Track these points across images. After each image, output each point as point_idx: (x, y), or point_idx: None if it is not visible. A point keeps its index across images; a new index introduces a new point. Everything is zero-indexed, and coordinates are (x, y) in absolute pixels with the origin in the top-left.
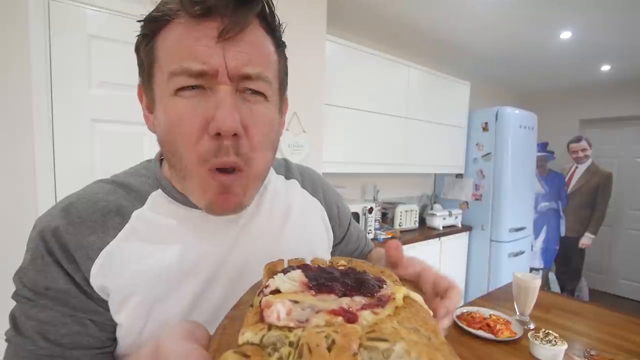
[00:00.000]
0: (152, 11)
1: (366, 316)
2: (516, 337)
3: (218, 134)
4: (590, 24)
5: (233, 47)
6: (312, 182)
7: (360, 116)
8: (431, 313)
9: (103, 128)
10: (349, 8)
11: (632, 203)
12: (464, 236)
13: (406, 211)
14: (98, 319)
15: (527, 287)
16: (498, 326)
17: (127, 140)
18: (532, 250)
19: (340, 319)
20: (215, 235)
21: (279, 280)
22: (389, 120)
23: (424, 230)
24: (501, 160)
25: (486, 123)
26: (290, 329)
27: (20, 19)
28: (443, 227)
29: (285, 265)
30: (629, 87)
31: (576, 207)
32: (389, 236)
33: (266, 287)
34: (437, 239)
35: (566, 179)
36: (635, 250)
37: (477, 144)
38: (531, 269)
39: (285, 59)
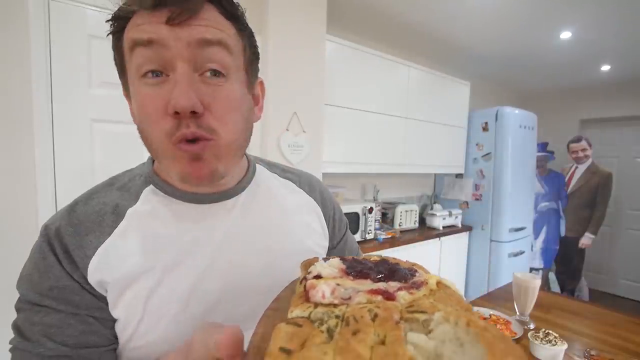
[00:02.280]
0: (116, 10)
1: (403, 295)
2: (516, 337)
3: (177, 113)
4: (590, 24)
5: (183, 28)
6: (309, 183)
7: (360, 116)
8: (464, 298)
9: (103, 128)
10: (349, 8)
11: (632, 203)
12: (464, 236)
13: (406, 211)
14: (100, 315)
15: (527, 287)
16: (498, 326)
17: (127, 140)
18: (532, 250)
19: (379, 297)
20: (209, 226)
21: (320, 267)
22: (389, 120)
23: (424, 230)
24: (501, 160)
25: (486, 123)
26: (335, 305)
27: (20, 19)
28: (443, 227)
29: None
30: (629, 87)
31: (576, 207)
32: (389, 236)
33: (309, 273)
34: (437, 239)
35: (566, 179)
36: (635, 250)
37: (477, 144)
38: (531, 269)
39: (252, 41)
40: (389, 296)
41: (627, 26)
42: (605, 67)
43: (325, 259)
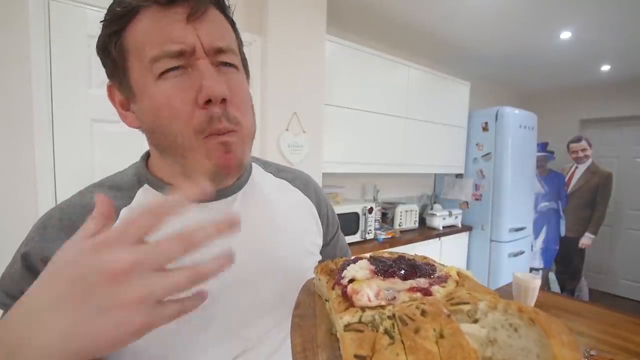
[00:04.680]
0: (115, 7)
1: (437, 290)
2: None
3: (208, 101)
4: (590, 24)
5: (203, 26)
6: (303, 182)
7: (360, 116)
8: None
9: (103, 128)
10: (349, 8)
11: (632, 203)
12: (464, 236)
13: (406, 211)
14: None
15: (527, 287)
16: None
17: (127, 140)
18: (532, 250)
19: (418, 294)
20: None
21: (352, 271)
22: (389, 120)
23: (424, 230)
24: (501, 160)
25: (486, 123)
26: (382, 307)
27: (20, 19)
28: (443, 227)
29: (332, 266)
30: (629, 87)
31: (576, 207)
32: (389, 236)
33: (342, 278)
34: (437, 239)
35: (566, 179)
36: (635, 250)
37: (477, 144)
38: (531, 269)
39: (239, 34)
40: (426, 292)
41: (627, 26)
42: (605, 67)
43: (353, 261)
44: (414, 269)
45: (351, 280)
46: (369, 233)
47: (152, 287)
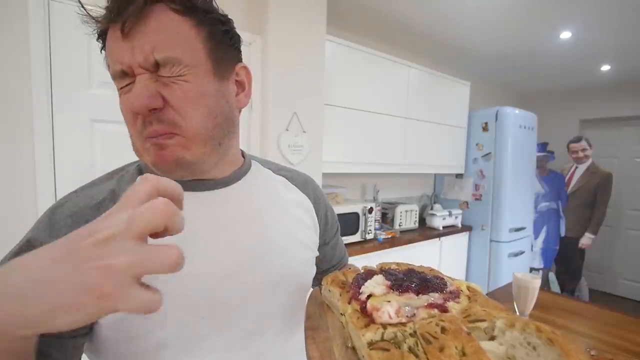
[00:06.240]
0: (98, 27)
1: (453, 306)
2: None
3: (138, 114)
4: (590, 24)
5: (137, 41)
6: (302, 181)
7: (360, 116)
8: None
9: (103, 128)
10: (349, 8)
11: (632, 203)
12: (464, 236)
13: (406, 211)
14: None
15: (527, 287)
16: None
17: (127, 140)
18: (532, 250)
19: (435, 310)
20: (203, 213)
21: (370, 286)
22: (389, 120)
23: (424, 230)
24: (501, 160)
25: (486, 123)
26: (403, 324)
27: (20, 19)
28: (443, 227)
29: (342, 277)
30: (629, 87)
31: (576, 207)
32: (389, 236)
33: (360, 293)
34: (437, 239)
35: (566, 179)
36: (635, 250)
37: (477, 144)
38: (531, 269)
39: (220, 27)
40: (443, 309)
41: (627, 26)
42: (605, 67)
43: (366, 274)
44: (426, 282)
45: (369, 296)
46: (369, 233)
47: (139, 256)
